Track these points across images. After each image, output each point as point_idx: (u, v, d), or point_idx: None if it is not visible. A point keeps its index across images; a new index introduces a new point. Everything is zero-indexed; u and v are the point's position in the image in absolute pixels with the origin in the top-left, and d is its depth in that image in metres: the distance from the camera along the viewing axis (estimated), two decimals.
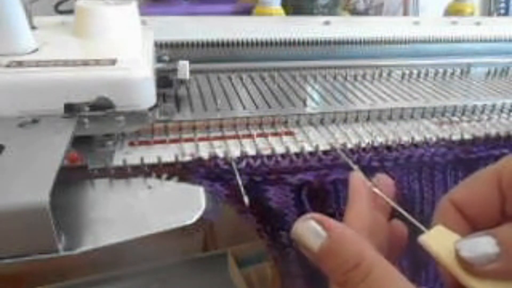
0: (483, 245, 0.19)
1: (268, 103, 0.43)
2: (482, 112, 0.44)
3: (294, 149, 0.35)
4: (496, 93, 0.49)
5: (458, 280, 0.19)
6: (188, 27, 0.54)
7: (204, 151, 0.34)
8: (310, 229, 0.21)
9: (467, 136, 0.38)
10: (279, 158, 0.33)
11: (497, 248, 0.18)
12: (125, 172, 0.32)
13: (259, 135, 0.38)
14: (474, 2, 0.86)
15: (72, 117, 0.32)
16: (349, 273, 0.19)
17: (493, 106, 0.44)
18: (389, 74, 0.53)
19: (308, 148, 0.35)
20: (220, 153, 0.33)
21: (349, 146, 0.35)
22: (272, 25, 0.58)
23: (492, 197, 0.21)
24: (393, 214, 0.25)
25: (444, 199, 0.23)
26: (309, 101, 0.44)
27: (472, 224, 0.22)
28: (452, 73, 0.55)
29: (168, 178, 0.32)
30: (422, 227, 0.22)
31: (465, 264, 0.19)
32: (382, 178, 0.25)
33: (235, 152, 0.34)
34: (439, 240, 0.20)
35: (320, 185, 0.33)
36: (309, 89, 0.48)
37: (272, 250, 0.35)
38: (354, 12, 1.04)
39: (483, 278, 0.19)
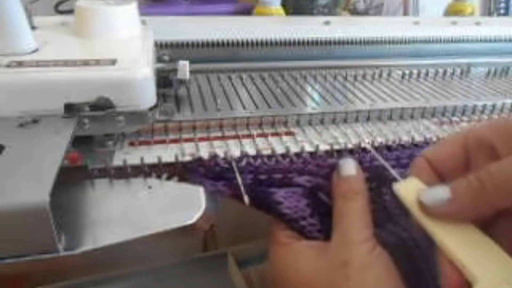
0: (439, 192, 0.23)
1: (268, 103, 0.43)
2: (482, 112, 0.44)
3: (294, 149, 0.35)
4: (496, 93, 0.49)
5: (419, 222, 0.23)
6: (188, 27, 0.54)
7: (204, 151, 0.34)
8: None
9: None
10: (279, 158, 0.33)
11: (449, 194, 0.22)
12: (125, 172, 0.32)
13: (259, 135, 0.38)
14: (474, 2, 0.86)
15: (72, 117, 0.32)
16: None
17: (493, 106, 0.44)
18: (389, 74, 0.53)
19: (308, 148, 0.35)
20: (220, 153, 0.33)
21: (349, 146, 0.35)
22: (272, 25, 0.58)
23: (458, 156, 0.25)
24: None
25: (419, 156, 0.26)
26: (309, 101, 0.44)
27: (441, 178, 0.25)
28: (452, 73, 0.55)
29: (168, 178, 0.32)
30: (398, 177, 0.27)
31: (423, 207, 0.23)
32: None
33: (235, 152, 0.34)
34: (409, 189, 0.25)
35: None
36: (309, 89, 0.48)
37: None
38: (354, 12, 1.04)
39: (437, 220, 0.23)
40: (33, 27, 0.41)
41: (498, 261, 0.21)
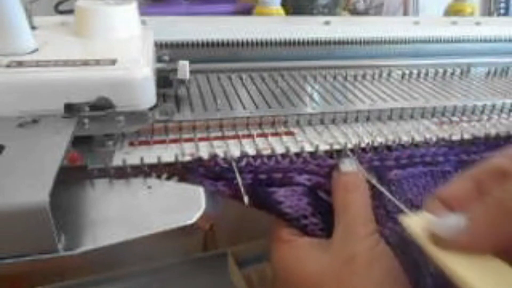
0: (452, 220, 0.20)
1: (268, 103, 0.43)
2: (482, 112, 0.44)
3: (294, 149, 0.35)
4: (496, 93, 0.49)
5: (430, 256, 0.20)
6: (188, 27, 0.54)
7: (204, 151, 0.34)
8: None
9: (467, 136, 0.38)
10: (279, 158, 0.33)
11: (465, 220, 0.20)
12: (125, 172, 0.32)
13: (259, 135, 0.38)
14: (474, 2, 0.86)
15: (72, 117, 0.32)
16: None
17: (493, 106, 0.44)
18: (389, 74, 0.53)
19: (308, 148, 0.35)
20: (220, 153, 0.33)
21: (349, 146, 0.35)
22: (272, 25, 0.58)
23: (471, 194, 0.23)
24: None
25: (432, 195, 0.25)
26: (309, 101, 0.44)
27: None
28: (452, 73, 0.55)
29: (168, 178, 0.32)
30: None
31: (435, 238, 0.20)
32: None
33: (235, 152, 0.34)
34: (419, 222, 0.22)
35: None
36: (309, 89, 0.48)
37: None
38: (354, 12, 1.04)
39: (451, 252, 0.19)
40: (33, 27, 0.41)
41: None
